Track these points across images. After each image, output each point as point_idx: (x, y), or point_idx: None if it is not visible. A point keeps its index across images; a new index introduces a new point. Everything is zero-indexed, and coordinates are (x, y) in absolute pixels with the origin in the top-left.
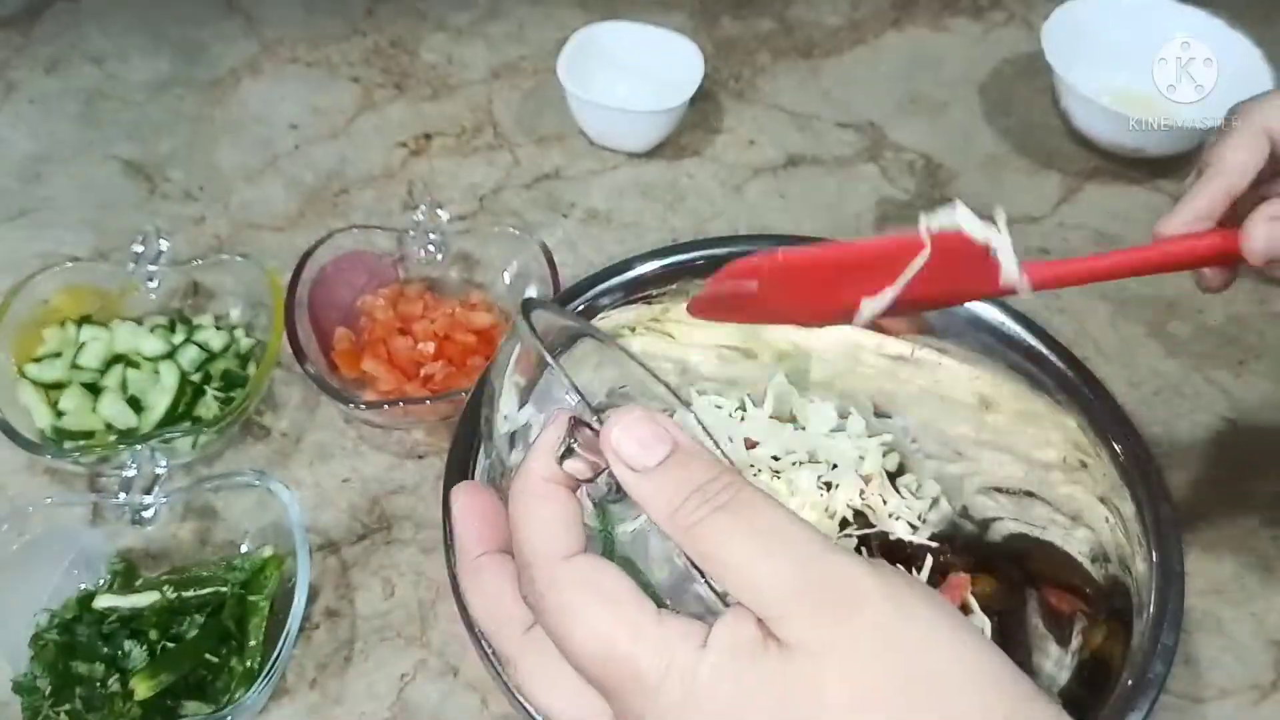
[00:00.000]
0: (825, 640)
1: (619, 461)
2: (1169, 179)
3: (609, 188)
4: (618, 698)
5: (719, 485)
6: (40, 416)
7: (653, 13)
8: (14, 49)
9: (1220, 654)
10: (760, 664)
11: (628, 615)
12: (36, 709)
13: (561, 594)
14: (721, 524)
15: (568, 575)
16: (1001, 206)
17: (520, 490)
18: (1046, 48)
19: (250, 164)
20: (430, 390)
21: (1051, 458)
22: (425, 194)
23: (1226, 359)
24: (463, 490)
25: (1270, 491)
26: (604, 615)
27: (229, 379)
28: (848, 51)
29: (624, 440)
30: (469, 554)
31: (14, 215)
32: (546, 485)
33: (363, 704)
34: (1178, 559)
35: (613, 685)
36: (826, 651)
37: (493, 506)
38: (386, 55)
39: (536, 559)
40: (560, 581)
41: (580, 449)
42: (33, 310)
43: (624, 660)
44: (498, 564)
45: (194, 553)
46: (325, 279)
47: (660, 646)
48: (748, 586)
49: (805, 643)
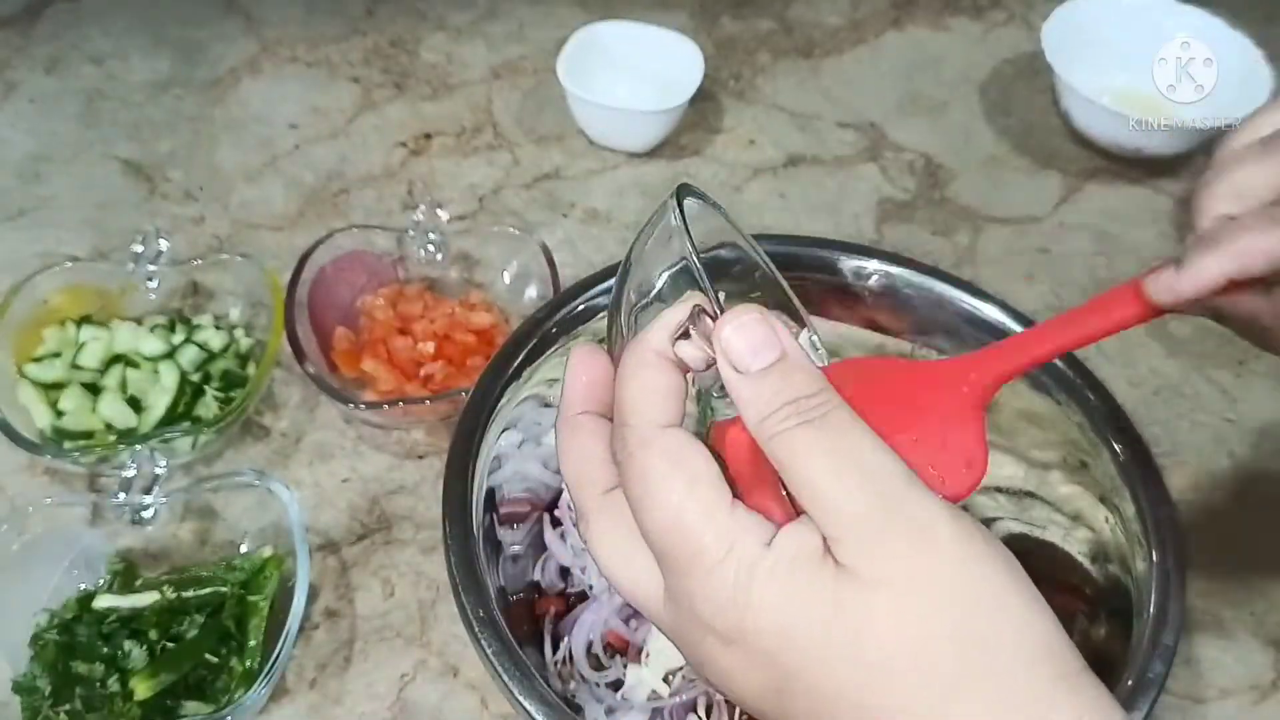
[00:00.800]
0: (881, 574)
1: (725, 357)
2: (1169, 179)
3: (609, 188)
4: (674, 571)
5: (814, 401)
6: (40, 416)
7: (653, 13)
8: (14, 49)
9: (1220, 654)
10: (815, 579)
11: (704, 494)
12: (36, 709)
13: (648, 458)
14: (805, 438)
15: (659, 442)
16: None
17: (632, 354)
18: (1046, 48)
19: (250, 164)
20: (430, 390)
21: (1051, 458)
22: (425, 194)
23: (1226, 359)
24: (581, 349)
25: (1270, 491)
26: (682, 488)
27: (229, 379)
28: (848, 51)
29: (734, 338)
30: (572, 408)
31: (14, 215)
32: (659, 358)
33: (362, 704)
34: (1178, 559)
35: (673, 557)
36: (880, 585)
37: (604, 372)
38: (386, 55)
39: (634, 419)
40: (650, 445)
41: (697, 336)
42: (32, 310)
43: (690, 534)
44: (596, 424)
45: (194, 553)
46: (325, 279)
47: (726, 532)
48: (817, 504)
49: (859, 570)
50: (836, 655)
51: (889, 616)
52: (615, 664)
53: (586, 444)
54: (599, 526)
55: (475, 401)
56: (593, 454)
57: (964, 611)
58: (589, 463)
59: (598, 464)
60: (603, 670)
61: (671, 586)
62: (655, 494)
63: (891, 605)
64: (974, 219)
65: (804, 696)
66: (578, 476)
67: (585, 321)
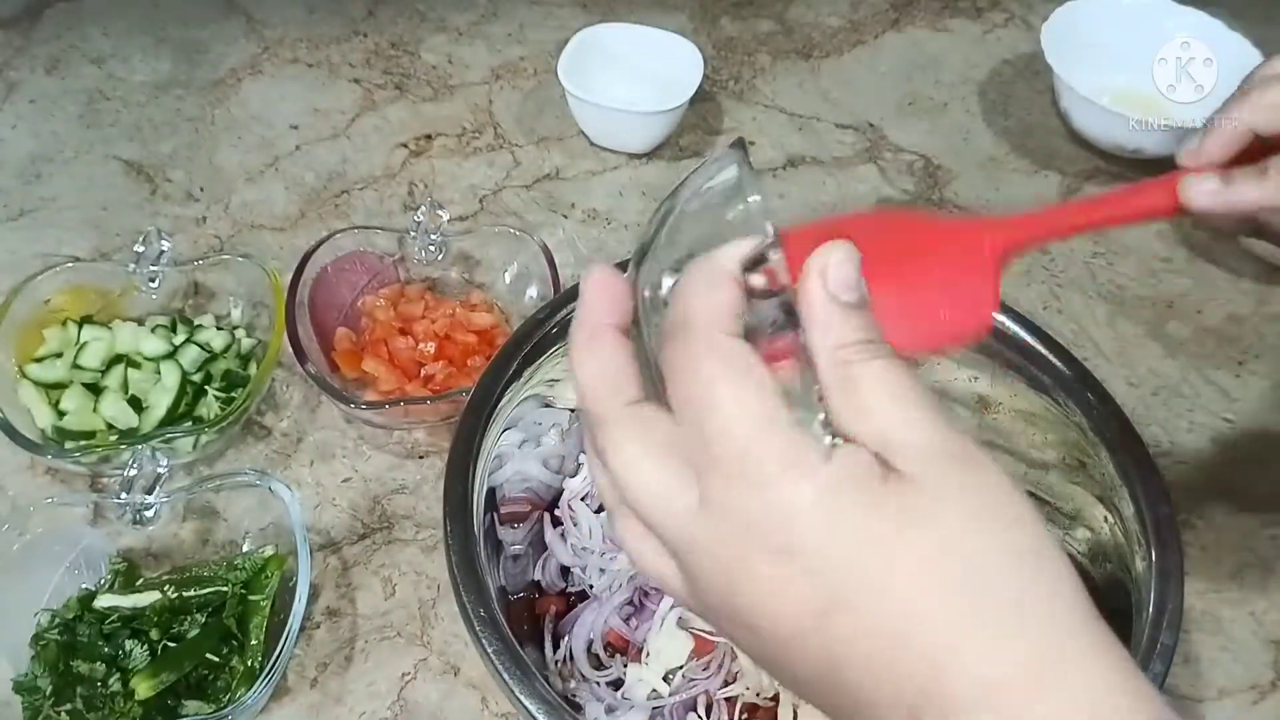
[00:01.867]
0: (946, 498)
1: (822, 279)
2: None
3: (609, 188)
4: (727, 481)
5: (886, 348)
6: (41, 416)
7: (653, 14)
8: (14, 49)
9: (1219, 654)
10: (878, 499)
11: (770, 403)
12: (37, 709)
13: (715, 362)
14: (878, 370)
15: (727, 349)
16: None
17: (701, 268)
18: (1046, 48)
19: (251, 164)
20: (431, 390)
21: (1051, 457)
22: (426, 194)
23: (1226, 359)
24: (597, 269)
25: (1269, 491)
26: (750, 395)
27: (230, 379)
28: (847, 52)
29: (838, 268)
30: (593, 317)
31: (14, 215)
32: (730, 277)
33: (363, 703)
34: (1177, 559)
35: (729, 465)
36: (945, 508)
37: (623, 291)
38: (387, 56)
39: (701, 325)
40: (719, 351)
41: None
42: (34, 310)
43: (754, 441)
44: (618, 338)
45: (195, 552)
46: (326, 279)
47: (789, 443)
48: (880, 430)
49: (923, 493)
50: (897, 575)
51: (953, 538)
52: (615, 663)
53: (610, 355)
54: (620, 435)
55: (476, 401)
56: (617, 365)
57: (1014, 541)
58: (613, 374)
59: (624, 376)
60: (603, 669)
61: (715, 498)
62: (721, 398)
63: (956, 527)
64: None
65: (849, 617)
66: (598, 385)
67: None
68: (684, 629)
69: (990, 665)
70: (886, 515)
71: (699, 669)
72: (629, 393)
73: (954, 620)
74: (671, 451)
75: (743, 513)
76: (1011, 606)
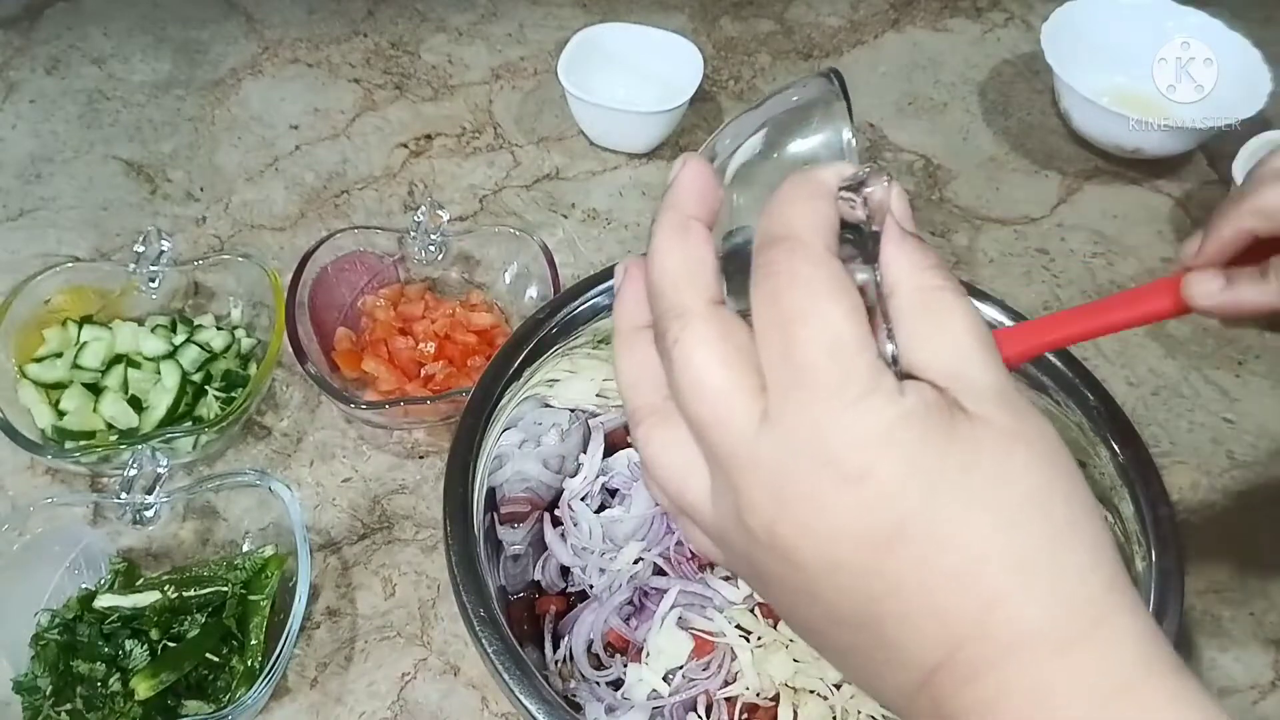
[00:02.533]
0: (1018, 429)
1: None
2: (1168, 179)
3: (609, 188)
4: (799, 392)
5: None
6: (41, 416)
7: (653, 14)
8: (14, 49)
9: (1219, 654)
10: (954, 426)
11: (864, 326)
12: (37, 708)
13: (818, 276)
14: (963, 307)
15: (829, 265)
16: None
17: (804, 181)
18: (1046, 48)
19: (251, 164)
20: (431, 390)
21: None
22: (426, 194)
23: (1225, 359)
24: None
25: (1270, 491)
26: (847, 314)
27: (230, 379)
28: (847, 52)
29: (901, 201)
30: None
31: (14, 215)
32: (831, 193)
33: (364, 703)
34: (1177, 559)
35: (816, 378)
36: (1019, 438)
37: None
38: (387, 56)
39: (805, 236)
40: (822, 265)
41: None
42: (34, 310)
43: (845, 357)
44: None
45: (195, 552)
46: (326, 279)
47: (876, 369)
48: (956, 366)
49: (996, 423)
50: (968, 517)
51: (1026, 467)
52: (615, 663)
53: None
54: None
55: (476, 401)
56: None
57: (1078, 496)
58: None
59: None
60: (603, 669)
61: (787, 413)
62: (819, 310)
63: (1028, 456)
64: (973, 219)
65: (911, 550)
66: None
67: (586, 322)
68: (684, 629)
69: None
70: (962, 453)
71: (699, 669)
72: (713, 290)
73: (1013, 569)
74: (746, 359)
75: (816, 430)
76: (1071, 560)
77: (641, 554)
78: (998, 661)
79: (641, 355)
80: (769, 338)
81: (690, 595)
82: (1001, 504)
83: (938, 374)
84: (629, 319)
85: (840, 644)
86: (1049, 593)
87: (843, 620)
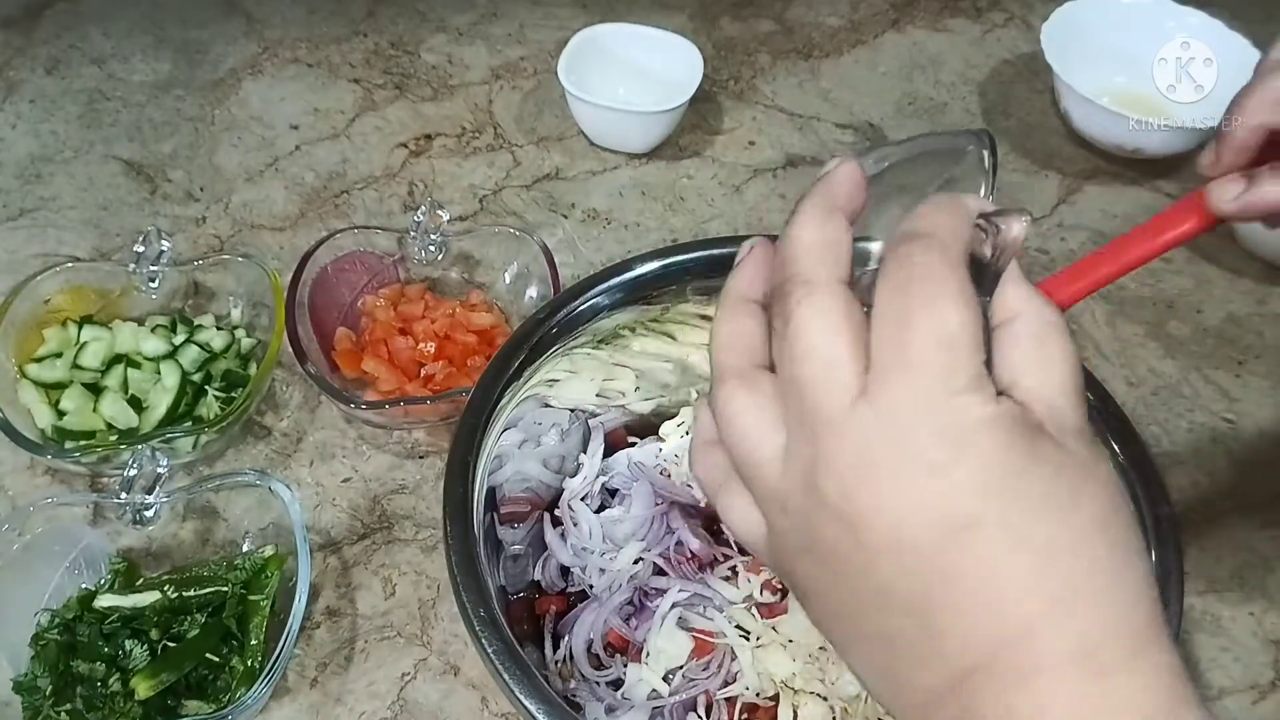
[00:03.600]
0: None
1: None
2: (1168, 179)
3: (609, 188)
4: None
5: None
6: (41, 416)
7: (653, 14)
8: (14, 49)
9: (1219, 654)
10: (1039, 439)
11: (979, 334)
12: (37, 708)
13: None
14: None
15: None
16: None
17: (951, 200)
18: (1046, 48)
19: (251, 164)
20: (431, 390)
21: None
22: (426, 194)
23: (1225, 359)
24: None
25: (1270, 491)
26: (969, 318)
27: (230, 379)
28: (847, 52)
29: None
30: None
31: (14, 215)
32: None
33: (364, 703)
34: (1177, 559)
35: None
36: (1099, 461)
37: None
38: (387, 56)
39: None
40: (956, 268)
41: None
42: (34, 310)
43: (959, 350)
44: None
45: (195, 552)
46: (326, 279)
47: (981, 372)
48: (1052, 397)
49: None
50: (1044, 512)
51: (1094, 498)
52: (615, 663)
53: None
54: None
55: (476, 401)
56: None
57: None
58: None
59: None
60: (603, 669)
61: (889, 391)
62: (942, 307)
63: (1097, 489)
64: None
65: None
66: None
67: (586, 321)
68: (684, 629)
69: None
70: (1041, 468)
71: (699, 669)
72: (844, 270)
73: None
74: (859, 338)
75: (913, 412)
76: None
77: (641, 554)
78: (1039, 673)
79: (743, 324)
80: (886, 320)
81: (690, 595)
82: (1069, 525)
83: (1037, 399)
84: (741, 290)
85: (876, 630)
86: (1099, 617)
87: (892, 603)
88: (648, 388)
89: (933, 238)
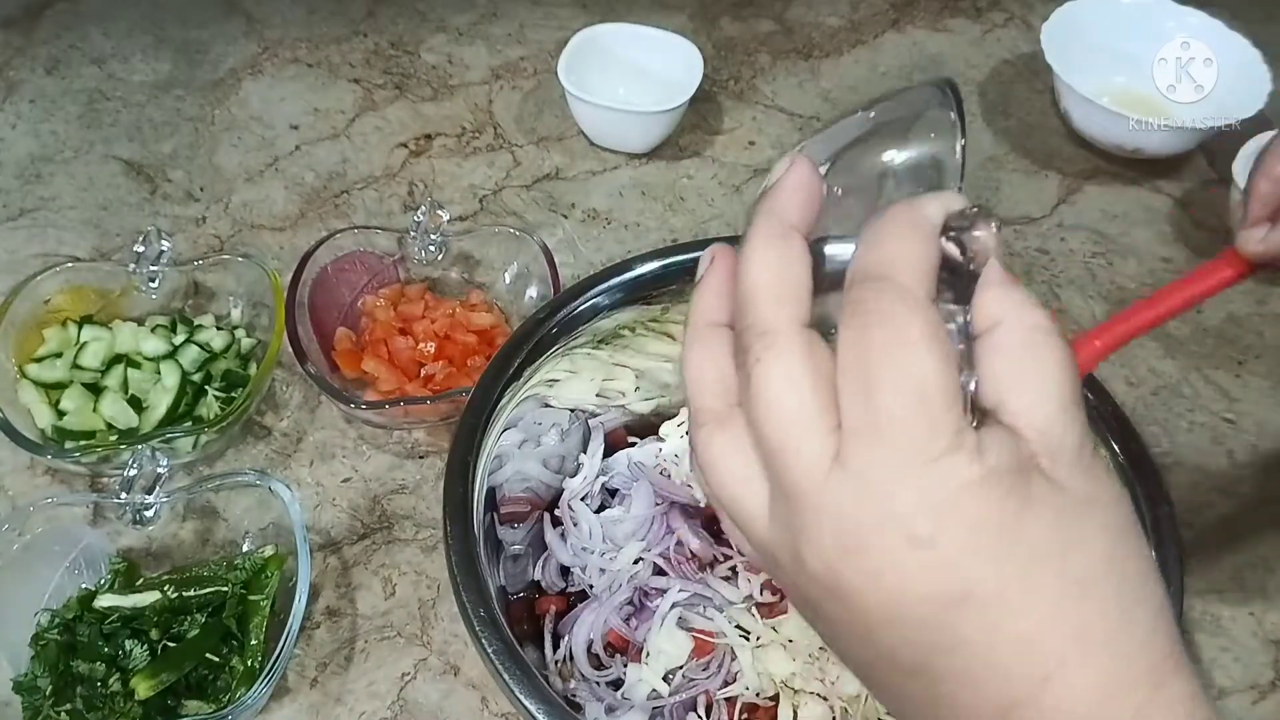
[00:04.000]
0: (1093, 493)
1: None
2: (1168, 179)
3: (609, 188)
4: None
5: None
6: (41, 416)
7: (653, 14)
8: (14, 49)
9: (1220, 654)
10: (1032, 489)
11: (954, 380)
12: (37, 708)
13: (914, 321)
14: (1057, 344)
15: (926, 312)
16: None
17: (905, 217)
18: (1046, 48)
19: (251, 164)
20: (431, 390)
21: None
22: (426, 194)
23: (1225, 359)
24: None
25: (1269, 491)
26: (940, 363)
27: (230, 379)
28: (847, 52)
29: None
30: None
31: (14, 215)
32: (932, 232)
33: (364, 703)
34: (1176, 558)
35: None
36: (1094, 503)
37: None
38: (387, 56)
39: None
40: (918, 311)
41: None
42: (33, 310)
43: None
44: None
45: (195, 552)
46: (326, 279)
47: (959, 422)
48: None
49: (1072, 488)
50: (1042, 566)
51: (1097, 534)
52: (615, 663)
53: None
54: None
55: (476, 401)
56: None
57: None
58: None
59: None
60: (603, 669)
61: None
62: (908, 358)
63: (1101, 521)
64: None
65: (975, 615)
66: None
67: (586, 321)
68: (684, 629)
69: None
70: (1037, 518)
71: (699, 669)
72: (804, 312)
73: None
74: (826, 392)
75: (891, 485)
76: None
77: (641, 554)
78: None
79: (713, 354)
80: (852, 377)
81: (690, 595)
82: (1071, 571)
83: (1027, 425)
84: (706, 314)
85: (885, 682)
86: (1108, 665)
87: (898, 668)
88: (648, 388)
89: (885, 280)
